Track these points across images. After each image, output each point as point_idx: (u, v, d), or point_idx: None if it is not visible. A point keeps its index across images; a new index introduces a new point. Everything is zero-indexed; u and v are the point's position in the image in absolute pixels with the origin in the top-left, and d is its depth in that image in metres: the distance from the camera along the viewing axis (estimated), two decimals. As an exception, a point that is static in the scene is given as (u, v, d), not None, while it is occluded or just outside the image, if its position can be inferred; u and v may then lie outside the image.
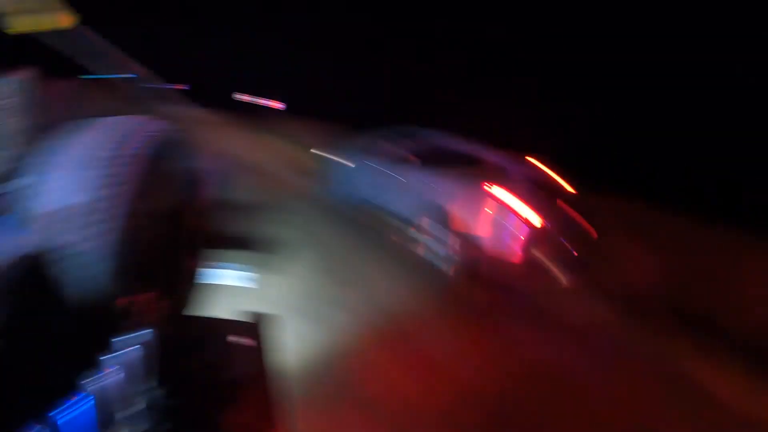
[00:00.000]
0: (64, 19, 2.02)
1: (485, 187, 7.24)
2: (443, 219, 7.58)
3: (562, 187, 7.87)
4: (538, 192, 7.32)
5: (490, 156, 7.84)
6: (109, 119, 1.51)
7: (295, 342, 4.58)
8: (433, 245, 7.71)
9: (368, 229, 8.85)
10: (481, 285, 7.11)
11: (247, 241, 6.46)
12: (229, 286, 2.96)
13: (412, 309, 5.99)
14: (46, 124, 1.79)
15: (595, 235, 7.63)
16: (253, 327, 2.01)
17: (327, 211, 9.71)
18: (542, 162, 8.01)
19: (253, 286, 5.27)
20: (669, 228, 9.32)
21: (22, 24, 1.93)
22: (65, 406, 0.86)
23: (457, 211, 7.47)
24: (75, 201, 1.24)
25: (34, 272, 1.08)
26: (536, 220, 7.03)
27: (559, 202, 7.52)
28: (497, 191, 7.13)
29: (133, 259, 1.38)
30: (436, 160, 8.20)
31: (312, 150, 15.17)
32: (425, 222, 7.75)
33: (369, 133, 9.84)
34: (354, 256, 7.51)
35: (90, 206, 1.25)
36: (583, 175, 8.41)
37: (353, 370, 4.59)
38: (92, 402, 0.90)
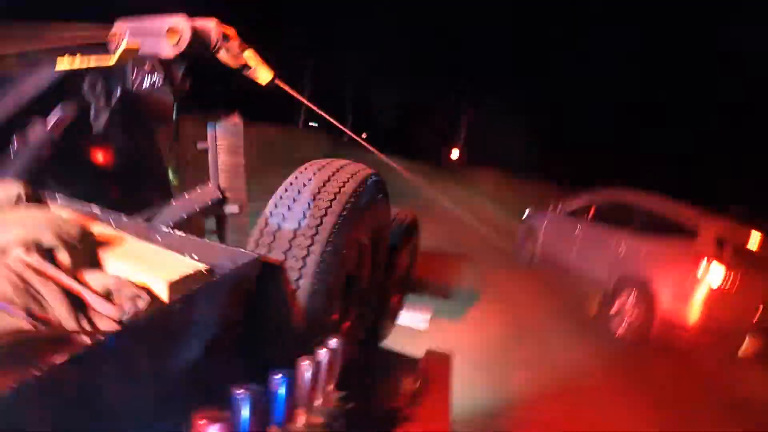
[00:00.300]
0: (266, 75, 2.18)
1: (689, 257, 7.15)
2: (636, 287, 7.60)
3: (760, 249, 7.51)
4: (738, 255, 7.11)
5: (695, 218, 7.57)
6: (319, 161, 1.71)
7: (462, 388, 4.49)
8: (622, 312, 7.74)
9: (559, 290, 8.70)
10: (662, 358, 6.93)
11: (427, 285, 6.55)
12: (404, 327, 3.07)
13: (586, 375, 5.69)
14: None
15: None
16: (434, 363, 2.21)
17: (516, 267, 9.78)
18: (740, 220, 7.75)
19: (424, 328, 5.30)
20: None
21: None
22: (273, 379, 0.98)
23: (654, 280, 7.42)
24: (289, 226, 1.46)
25: (256, 281, 1.23)
26: (733, 286, 6.92)
27: (756, 264, 7.24)
28: (702, 264, 6.98)
29: (337, 281, 1.55)
30: (644, 225, 8.07)
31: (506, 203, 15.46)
32: (618, 289, 7.38)
33: (575, 193, 9.86)
34: (538, 314, 7.36)
35: (301, 231, 1.45)
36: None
37: (518, 423, 4.40)
38: (288, 384, 1.00)
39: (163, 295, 1.06)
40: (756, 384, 6.75)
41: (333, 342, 1.16)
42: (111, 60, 1.84)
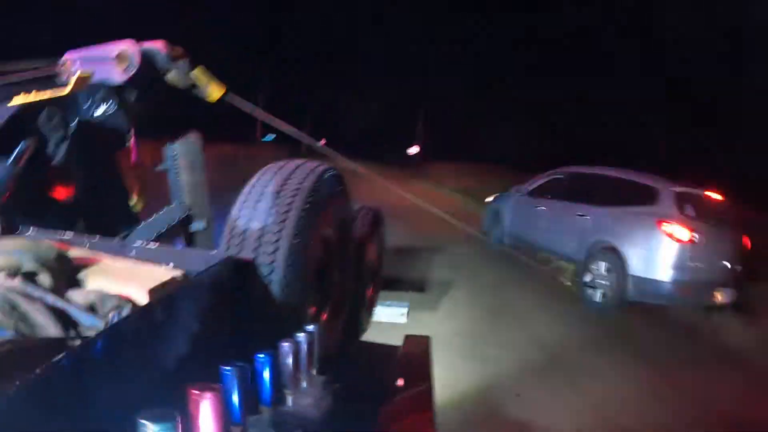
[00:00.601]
0: (217, 91, 2.24)
1: (652, 221, 7.50)
2: (606, 256, 7.86)
3: (724, 207, 8.14)
4: (700, 214, 7.59)
5: (654, 183, 7.99)
6: (277, 163, 1.77)
7: (447, 375, 4.59)
8: (594, 281, 7.99)
9: (528, 267, 8.85)
10: (640, 317, 7.39)
11: (401, 280, 6.61)
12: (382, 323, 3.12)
13: (569, 344, 5.84)
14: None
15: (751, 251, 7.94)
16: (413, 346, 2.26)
17: (487, 251, 9.90)
18: (702, 184, 8.24)
19: (403, 322, 5.36)
20: None
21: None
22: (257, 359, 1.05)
23: (623, 246, 7.70)
24: (255, 225, 1.52)
25: (229, 278, 1.32)
26: (698, 243, 7.32)
27: (719, 222, 7.76)
28: (665, 226, 7.36)
29: (304, 274, 1.59)
30: (607, 196, 8.43)
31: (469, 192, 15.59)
32: (588, 259, 7.55)
33: (534, 175, 10.03)
34: (513, 294, 7.48)
35: (267, 229, 1.50)
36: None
37: (505, 401, 4.50)
38: (271, 363, 1.07)
39: (145, 302, 1.10)
40: (731, 333, 7.06)
41: (311, 327, 1.22)
42: (65, 91, 1.86)
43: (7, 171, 1.72)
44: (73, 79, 1.87)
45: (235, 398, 0.94)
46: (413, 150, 36.30)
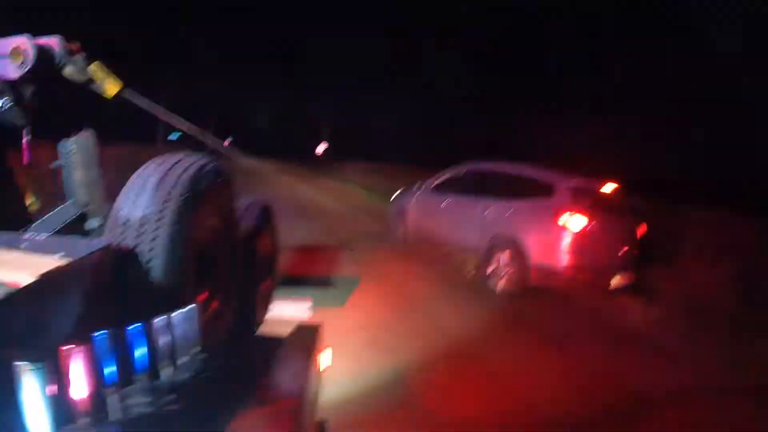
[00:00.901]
0: (113, 87, 2.22)
1: (549, 213, 7.91)
2: (509, 246, 8.17)
3: (618, 198, 8.62)
4: (596, 204, 8.06)
5: (551, 178, 8.36)
6: (159, 157, 1.80)
7: (356, 366, 4.55)
8: (497, 271, 8.33)
9: (433, 261, 8.98)
10: (542, 302, 7.66)
11: (306, 276, 6.53)
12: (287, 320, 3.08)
13: (475, 332, 5.96)
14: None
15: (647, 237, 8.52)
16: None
17: (392, 246, 9.97)
18: (595, 176, 8.65)
19: (306, 317, 5.29)
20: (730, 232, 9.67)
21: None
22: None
23: (522, 237, 8.11)
24: (136, 214, 1.56)
25: (110, 264, 1.38)
26: (594, 231, 7.80)
27: (616, 211, 8.33)
28: (562, 216, 7.77)
29: (185, 262, 1.64)
30: (506, 190, 8.75)
31: (375, 190, 15.68)
32: (491, 250, 8.08)
33: (436, 172, 10.17)
34: (418, 286, 7.55)
35: (147, 218, 1.55)
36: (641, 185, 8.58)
37: (415, 388, 4.51)
38: (145, 334, 1.08)
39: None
40: (628, 313, 7.54)
41: (189, 306, 1.20)
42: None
43: None
44: (20, 59, 1.89)
45: (109, 362, 0.96)
46: (321, 148, 36.28)
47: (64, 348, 0.86)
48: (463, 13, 26.94)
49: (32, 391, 0.87)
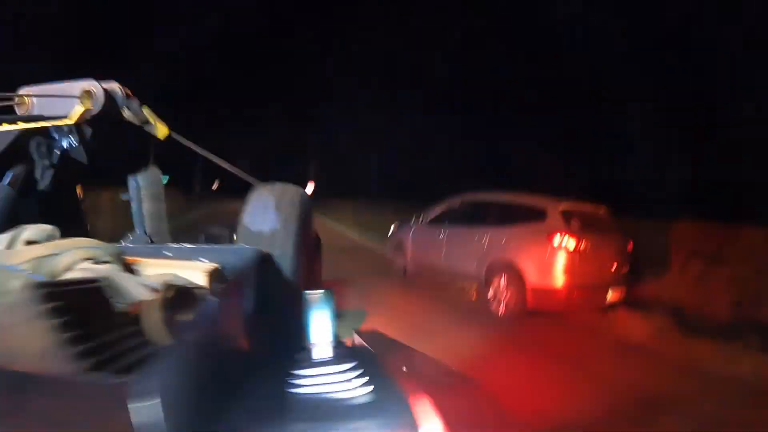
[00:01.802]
0: (164, 129, 2.33)
1: (543, 236, 8.24)
2: (506, 270, 8.53)
3: (603, 214, 9.05)
4: (586, 225, 8.39)
5: (542, 202, 8.76)
6: (266, 186, 2.07)
7: None
8: (496, 296, 8.66)
9: (433, 290, 9.27)
10: (543, 321, 7.95)
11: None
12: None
13: (480, 351, 6.23)
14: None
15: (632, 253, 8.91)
16: None
17: (392, 279, 10.24)
18: (582, 196, 9.16)
19: None
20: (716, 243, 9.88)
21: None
22: None
23: (518, 261, 8.47)
24: (266, 228, 1.86)
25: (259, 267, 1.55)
26: (586, 251, 8.14)
27: (605, 230, 8.69)
28: (555, 239, 8.11)
29: (302, 266, 1.95)
30: (500, 218, 9.17)
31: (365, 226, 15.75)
32: (489, 276, 8.12)
33: (432, 203, 10.54)
34: (422, 314, 7.82)
35: (275, 231, 1.85)
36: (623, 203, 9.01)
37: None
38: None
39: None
40: (625, 326, 7.92)
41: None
42: (70, 120, 1.98)
43: (4, 193, 1.81)
44: (77, 110, 1.99)
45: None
46: (309, 188, 36.47)
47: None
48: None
49: (318, 310, 1.36)
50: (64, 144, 2.18)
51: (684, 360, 6.47)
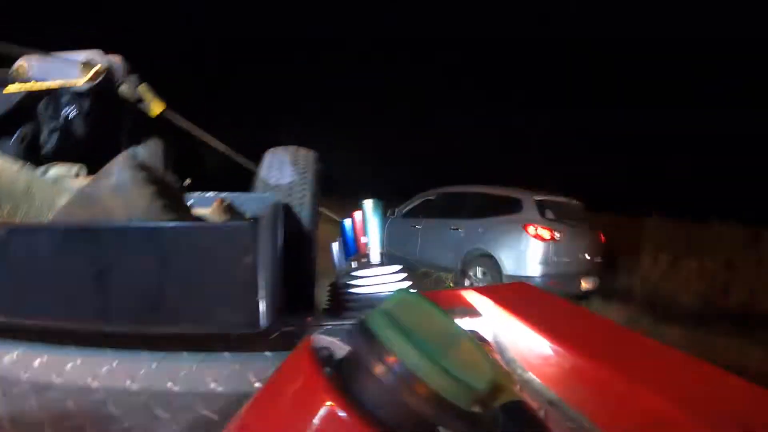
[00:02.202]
0: (158, 107, 2.39)
1: (519, 227, 8.42)
2: (481, 261, 8.78)
3: (576, 206, 9.20)
4: (561, 216, 8.60)
5: (518, 194, 8.91)
6: (277, 147, 2.19)
7: None
8: (473, 283, 8.95)
9: (414, 283, 9.35)
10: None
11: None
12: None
13: None
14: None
15: (605, 245, 9.12)
16: None
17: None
18: (556, 190, 9.29)
19: None
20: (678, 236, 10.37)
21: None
22: None
23: (494, 251, 8.65)
24: (284, 181, 1.98)
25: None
26: (560, 241, 8.31)
27: (578, 222, 8.86)
28: (530, 229, 8.29)
29: (317, 214, 2.12)
30: (476, 209, 9.27)
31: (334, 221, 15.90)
32: (465, 267, 8.28)
33: (410, 198, 10.65)
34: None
35: (293, 183, 1.97)
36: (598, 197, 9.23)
37: None
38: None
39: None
40: (599, 313, 8.00)
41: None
42: (80, 81, 2.03)
43: (8, 152, 1.82)
44: (91, 71, 2.03)
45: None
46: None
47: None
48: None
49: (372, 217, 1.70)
50: (70, 109, 2.19)
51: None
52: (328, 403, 0.51)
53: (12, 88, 2.00)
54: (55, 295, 0.88)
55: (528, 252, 8.20)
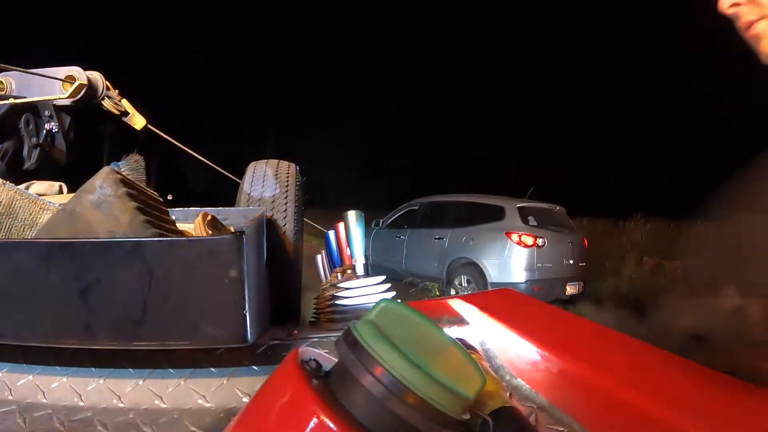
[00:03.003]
0: (140, 121, 2.49)
1: (502, 234, 8.41)
2: (466, 269, 8.80)
3: (559, 212, 9.25)
4: (544, 222, 8.68)
5: (501, 202, 8.93)
6: (260, 161, 2.22)
7: None
8: (459, 291, 8.75)
9: (399, 293, 9.35)
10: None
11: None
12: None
13: None
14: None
15: (589, 249, 9.13)
16: None
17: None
18: (538, 196, 9.39)
19: None
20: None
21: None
22: None
23: (479, 258, 8.62)
24: (267, 194, 1.99)
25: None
26: (544, 247, 8.33)
27: (562, 228, 8.94)
28: (513, 236, 8.29)
29: (301, 225, 2.17)
30: (460, 218, 9.33)
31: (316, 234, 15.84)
32: (450, 275, 8.34)
33: (393, 209, 10.67)
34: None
35: (277, 196, 1.98)
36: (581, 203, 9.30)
37: None
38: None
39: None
40: (585, 317, 8.05)
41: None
42: (64, 95, 2.04)
43: None
44: (72, 87, 2.05)
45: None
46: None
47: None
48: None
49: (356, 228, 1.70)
50: (51, 125, 2.18)
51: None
52: (318, 415, 0.51)
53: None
54: (39, 314, 0.87)
55: (512, 259, 8.19)
